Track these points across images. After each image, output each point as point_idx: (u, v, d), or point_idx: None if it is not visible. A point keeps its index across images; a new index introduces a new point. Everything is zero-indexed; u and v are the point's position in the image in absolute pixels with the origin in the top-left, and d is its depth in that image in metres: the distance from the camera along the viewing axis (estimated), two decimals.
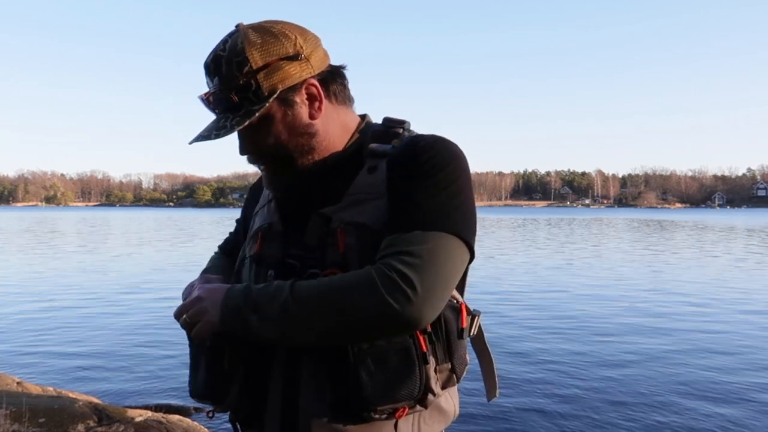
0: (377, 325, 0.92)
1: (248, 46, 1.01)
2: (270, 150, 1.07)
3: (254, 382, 1.06)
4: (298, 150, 1.08)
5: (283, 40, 1.03)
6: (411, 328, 0.93)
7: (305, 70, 1.05)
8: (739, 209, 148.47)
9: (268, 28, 1.04)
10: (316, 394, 0.99)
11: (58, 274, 14.15)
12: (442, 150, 1.03)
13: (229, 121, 1.02)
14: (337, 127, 1.12)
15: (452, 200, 0.99)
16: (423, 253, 0.93)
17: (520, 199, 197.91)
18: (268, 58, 1.01)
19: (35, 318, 8.74)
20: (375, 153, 1.08)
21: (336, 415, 0.98)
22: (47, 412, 3.48)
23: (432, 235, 0.96)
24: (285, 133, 1.06)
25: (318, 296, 0.94)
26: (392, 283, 0.91)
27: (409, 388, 0.95)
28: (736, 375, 5.83)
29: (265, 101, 1.02)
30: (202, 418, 4.44)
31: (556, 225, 45.92)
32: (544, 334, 7.61)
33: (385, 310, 0.90)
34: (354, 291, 0.92)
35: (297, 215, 1.10)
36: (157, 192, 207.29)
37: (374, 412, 0.95)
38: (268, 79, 1.01)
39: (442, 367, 1.01)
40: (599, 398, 5.15)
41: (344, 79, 1.13)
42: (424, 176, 1.00)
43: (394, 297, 0.90)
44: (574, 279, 13.23)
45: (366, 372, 0.94)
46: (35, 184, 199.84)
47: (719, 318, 8.76)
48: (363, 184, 1.05)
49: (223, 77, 1.02)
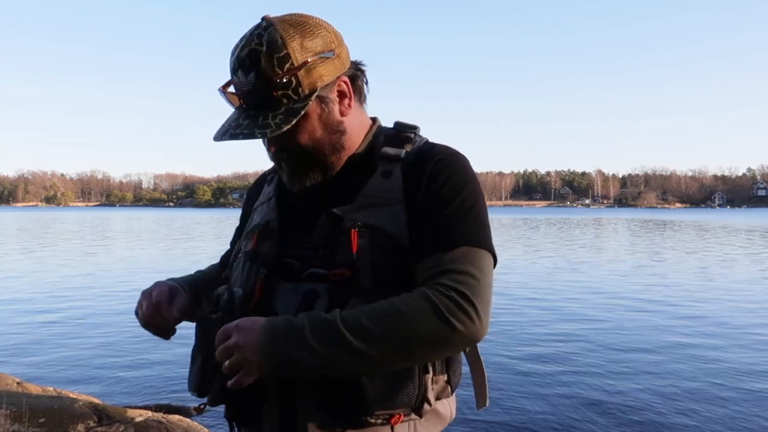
0: (442, 347, 0.93)
1: (289, 41, 0.99)
2: (302, 147, 1.05)
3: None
4: (329, 147, 1.07)
5: (319, 37, 1.02)
6: (473, 344, 0.96)
7: (338, 66, 1.05)
8: (739, 209, 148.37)
9: (302, 22, 1.02)
10: (314, 394, 0.98)
11: (58, 274, 14.14)
12: (460, 168, 1.06)
13: (272, 120, 0.99)
14: (358, 126, 1.12)
15: (479, 217, 1.03)
16: (473, 272, 0.95)
17: (520, 199, 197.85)
18: (308, 55, 1.00)
19: (35, 318, 8.74)
20: (388, 157, 1.08)
21: (333, 417, 0.98)
22: (47, 412, 3.48)
23: (474, 252, 0.98)
24: (320, 130, 1.05)
25: (377, 326, 0.91)
26: (455, 305, 0.92)
27: (408, 395, 0.96)
28: (743, 375, 5.84)
29: (306, 99, 1.01)
30: (202, 418, 4.44)
31: (556, 226, 45.86)
32: (541, 336, 7.61)
33: (451, 333, 0.91)
34: (416, 317, 0.91)
35: (302, 213, 1.09)
36: (157, 192, 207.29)
37: (371, 417, 0.96)
38: (308, 76, 1.00)
39: (438, 377, 1.02)
40: (594, 402, 5.15)
41: (365, 77, 1.13)
42: (452, 195, 1.02)
43: (458, 319, 0.91)
44: (574, 279, 13.24)
45: (367, 377, 0.94)
46: (35, 184, 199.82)
47: (719, 315, 8.78)
48: (378, 187, 1.04)
49: (262, 73, 0.98)
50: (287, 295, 1.02)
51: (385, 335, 0.90)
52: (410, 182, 1.04)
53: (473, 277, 0.95)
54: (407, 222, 1.01)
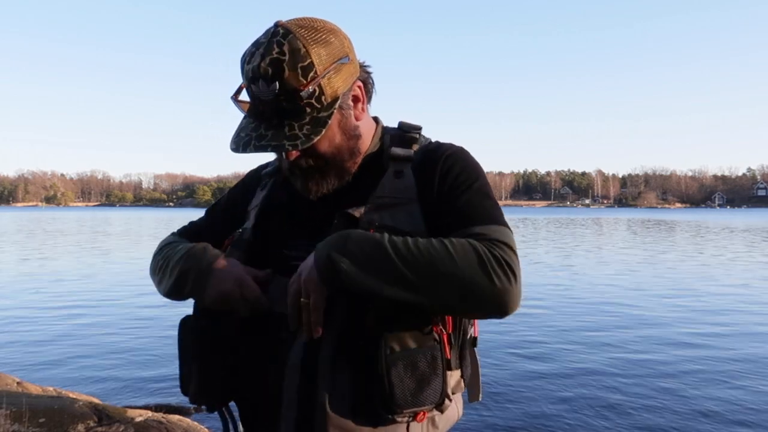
0: (473, 297, 0.91)
1: (312, 49, 0.97)
2: (323, 154, 1.04)
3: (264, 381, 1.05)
4: (348, 153, 1.07)
5: (336, 42, 1.01)
6: (504, 311, 0.93)
7: (353, 71, 1.05)
8: (739, 209, 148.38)
9: (319, 28, 1.00)
10: (337, 391, 0.98)
11: (59, 274, 14.13)
12: (470, 161, 1.09)
13: (299, 130, 0.97)
14: (369, 128, 1.12)
15: (497, 204, 1.06)
16: (511, 245, 0.97)
17: (520, 199, 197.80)
18: (329, 62, 0.99)
19: (35, 318, 8.73)
20: (398, 157, 1.08)
21: (356, 414, 0.98)
22: (47, 412, 3.47)
23: (504, 230, 0.99)
24: (339, 137, 1.04)
25: (420, 252, 0.92)
26: (498, 263, 0.92)
27: (433, 393, 0.97)
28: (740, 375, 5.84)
29: (331, 108, 1.00)
30: (202, 418, 4.44)
31: (559, 225, 45.84)
32: (541, 333, 7.61)
33: (489, 286, 0.90)
34: (460, 256, 0.91)
35: (314, 217, 1.08)
36: (157, 192, 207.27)
37: (399, 415, 0.96)
38: (331, 84, 0.99)
39: (454, 373, 1.03)
40: (596, 398, 5.16)
41: (372, 79, 1.12)
42: (468, 184, 1.04)
43: (498, 276, 0.91)
44: (575, 278, 13.24)
45: (397, 376, 0.94)
46: (35, 184, 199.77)
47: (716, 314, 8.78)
48: (391, 188, 1.04)
49: (286, 83, 0.96)
50: None
51: (425, 262, 0.91)
52: (422, 181, 1.05)
53: (512, 250, 0.96)
54: (424, 220, 1.02)
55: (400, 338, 0.96)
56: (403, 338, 0.96)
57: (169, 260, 1.12)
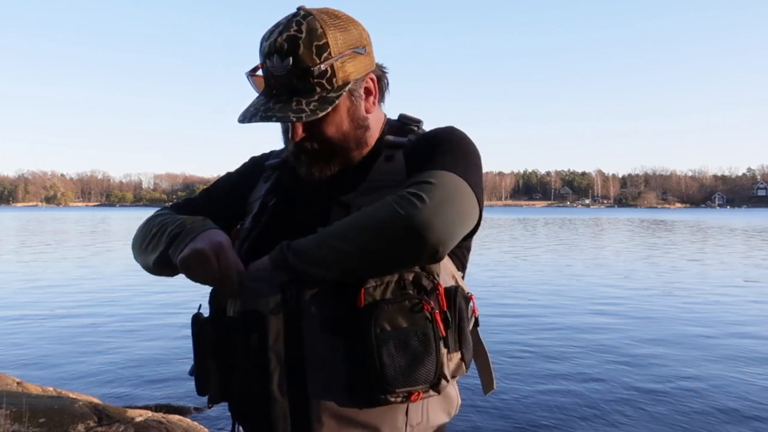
0: (388, 236, 0.92)
1: (329, 31, 0.99)
2: (329, 138, 1.05)
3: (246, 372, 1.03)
4: (354, 142, 1.09)
5: (354, 32, 1.04)
6: (421, 234, 0.92)
7: (368, 64, 1.07)
8: (739, 209, 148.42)
9: (339, 16, 1.03)
10: (329, 377, 0.98)
11: (59, 274, 14.14)
12: (461, 133, 1.10)
13: (306, 106, 0.99)
14: (377, 124, 1.14)
15: (470, 164, 1.04)
16: (434, 180, 0.96)
17: (520, 199, 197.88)
18: (345, 47, 1.01)
19: (35, 318, 8.72)
20: (391, 144, 1.10)
21: (351, 398, 0.98)
22: (47, 412, 3.47)
23: (445, 173, 0.98)
24: (347, 123, 1.06)
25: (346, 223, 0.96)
26: (403, 198, 0.93)
27: (426, 372, 0.96)
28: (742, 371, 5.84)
29: (341, 90, 1.01)
30: (202, 417, 4.44)
31: (559, 225, 45.81)
32: (542, 327, 7.61)
33: (395, 218, 0.92)
34: (371, 212, 0.95)
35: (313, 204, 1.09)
36: (157, 192, 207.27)
37: (392, 395, 0.96)
38: (343, 67, 1.01)
39: (453, 355, 1.02)
40: (600, 392, 5.15)
41: (387, 79, 1.14)
42: (448, 147, 1.05)
43: (402, 207, 0.92)
44: (576, 277, 13.26)
45: (387, 354, 0.94)
46: (35, 184, 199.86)
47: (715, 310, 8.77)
48: (381, 171, 1.06)
49: (300, 59, 0.98)
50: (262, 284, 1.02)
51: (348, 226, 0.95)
52: (412, 162, 1.06)
53: (433, 184, 0.95)
54: None
55: (391, 317, 0.95)
56: (394, 317, 0.95)
57: (166, 227, 1.10)
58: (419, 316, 0.96)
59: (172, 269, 1.08)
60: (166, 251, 1.07)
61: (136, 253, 1.18)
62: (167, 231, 1.09)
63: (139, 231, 1.19)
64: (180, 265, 1.02)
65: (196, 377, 1.12)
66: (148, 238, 1.14)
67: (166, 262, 1.07)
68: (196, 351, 1.12)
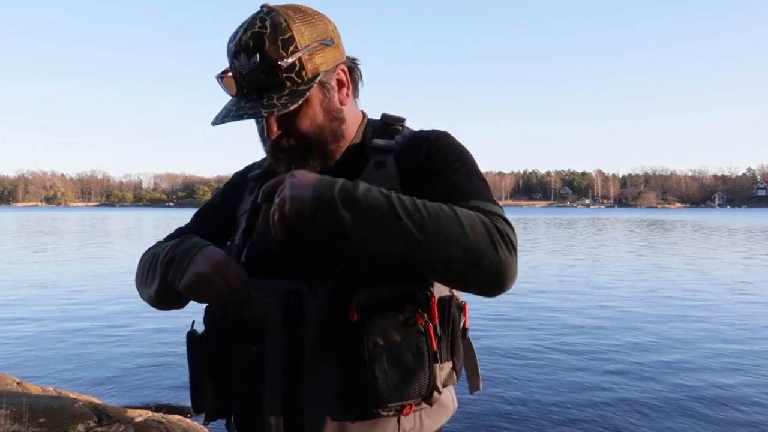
0: (474, 262, 0.88)
1: (293, 25, 0.99)
2: (305, 132, 1.04)
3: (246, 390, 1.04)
4: (330, 135, 1.07)
5: (321, 25, 1.03)
6: (502, 285, 0.90)
7: (337, 55, 1.06)
8: (739, 209, 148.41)
9: (303, 10, 1.03)
10: (323, 388, 0.98)
11: (59, 273, 14.13)
12: (456, 144, 1.09)
13: (277, 100, 0.98)
14: (354, 117, 1.13)
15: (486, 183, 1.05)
16: (511, 224, 0.95)
17: (520, 199, 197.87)
18: (311, 40, 1.00)
19: (36, 318, 8.73)
20: (379, 148, 1.08)
21: (343, 410, 0.98)
22: (47, 412, 3.48)
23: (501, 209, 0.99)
24: (321, 116, 1.05)
25: (429, 210, 0.89)
26: (503, 236, 0.90)
27: (420, 385, 0.96)
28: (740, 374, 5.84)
29: (311, 82, 1.01)
30: (201, 418, 4.44)
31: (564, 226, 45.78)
32: (536, 329, 7.61)
33: (492, 253, 0.88)
34: (468, 222, 0.89)
35: None
36: (157, 192, 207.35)
37: (383, 409, 0.95)
38: (311, 60, 1.00)
39: (445, 365, 1.02)
40: (599, 392, 5.16)
41: (360, 71, 1.13)
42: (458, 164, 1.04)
43: (500, 246, 0.89)
44: (577, 277, 13.25)
45: (380, 369, 0.94)
46: (35, 184, 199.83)
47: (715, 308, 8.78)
48: (372, 179, 1.02)
49: (266, 55, 0.97)
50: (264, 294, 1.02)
51: (432, 220, 0.88)
52: (405, 169, 1.05)
53: (510, 225, 0.94)
54: None
55: (384, 331, 0.95)
56: (387, 331, 0.95)
57: (158, 256, 1.10)
58: (413, 330, 0.96)
59: (176, 297, 1.06)
60: (164, 279, 1.05)
61: (140, 292, 1.16)
62: (159, 260, 1.08)
63: (137, 269, 1.18)
64: (185, 291, 1.01)
65: (192, 395, 1.12)
66: (144, 273, 1.13)
67: (167, 290, 1.05)
68: (191, 368, 1.12)
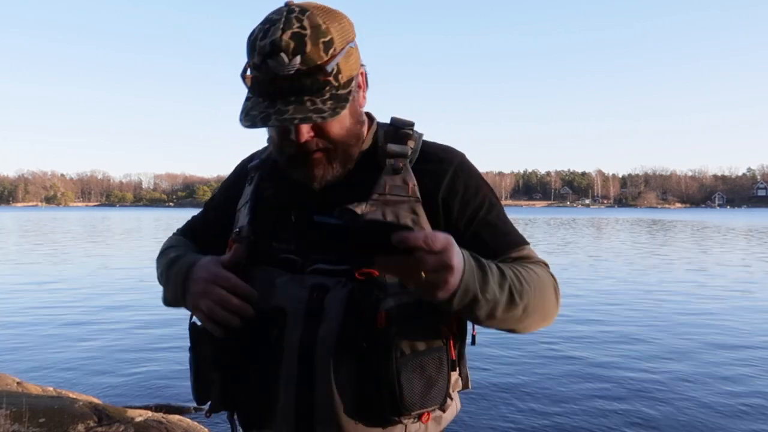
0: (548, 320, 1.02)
1: (331, 26, 0.96)
2: (335, 137, 1.01)
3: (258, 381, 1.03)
4: (355, 138, 1.05)
5: (346, 24, 1.00)
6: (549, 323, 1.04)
7: (359, 57, 1.04)
8: (739, 209, 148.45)
9: (330, 10, 1.00)
10: (338, 391, 0.97)
11: (59, 273, 14.14)
12: (476, 171, 1.13)
13: (322, 104, 0.94)
14: (366, 119, 1.12)
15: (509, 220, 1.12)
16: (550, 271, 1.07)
17: (520, 199, 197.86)
18: (344, 42, 0.98)
19: (35, 318, 8.73)
20: (394, 154, 1.06)
21: (359, 416, 0.97)
22: (47, 412, 3.48)
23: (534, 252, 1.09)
24: (349, 120, 1.03)
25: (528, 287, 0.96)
26: (557, 289, 1.04)
27: (440, 393, 0.98)
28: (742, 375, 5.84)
29: (348, 86, 0.98)
30: (202, 418, 4.43)
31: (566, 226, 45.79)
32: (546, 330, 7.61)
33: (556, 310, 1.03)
34: (547, 287, 1.01)
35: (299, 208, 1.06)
36: (157, 192, 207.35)
37: (406, 417, 0.97)
38: (346, 63, 0.98)
39: (454, 373, 1.05)
40: (599, 393, 5.16)
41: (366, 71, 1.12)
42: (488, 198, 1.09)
43: (558, 300, 1.04)
44: (579, 277, 13.26)
45: (407, 379, 0.94)
46: (35, 184, 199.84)
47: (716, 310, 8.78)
48: (391, 185, 1.03)
49: (309, 57, 0.93)
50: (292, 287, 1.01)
51: (530, 296, 0.96)
52: (425, 182, 1.05)
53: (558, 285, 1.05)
54: (429, 220, 1.03)
55: (410, 340, 0.96)
56: (413, 340, 0.96)
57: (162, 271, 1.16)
58: (436, 340, 0.98)
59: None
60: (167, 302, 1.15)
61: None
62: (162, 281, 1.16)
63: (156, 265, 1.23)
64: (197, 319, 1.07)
65: (195, 386, 1.10)
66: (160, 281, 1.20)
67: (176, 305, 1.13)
68: (194, 359, 1.11)
